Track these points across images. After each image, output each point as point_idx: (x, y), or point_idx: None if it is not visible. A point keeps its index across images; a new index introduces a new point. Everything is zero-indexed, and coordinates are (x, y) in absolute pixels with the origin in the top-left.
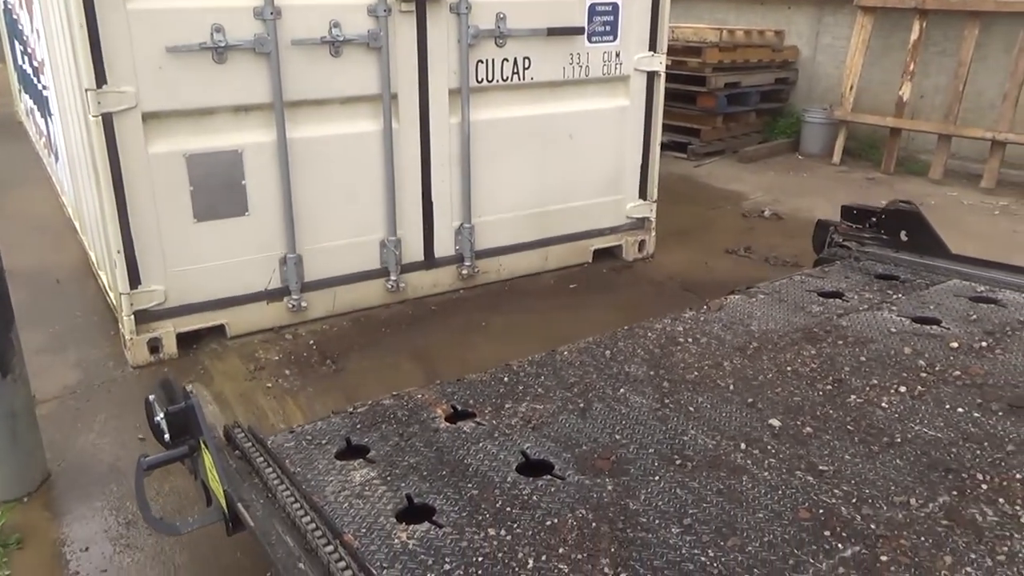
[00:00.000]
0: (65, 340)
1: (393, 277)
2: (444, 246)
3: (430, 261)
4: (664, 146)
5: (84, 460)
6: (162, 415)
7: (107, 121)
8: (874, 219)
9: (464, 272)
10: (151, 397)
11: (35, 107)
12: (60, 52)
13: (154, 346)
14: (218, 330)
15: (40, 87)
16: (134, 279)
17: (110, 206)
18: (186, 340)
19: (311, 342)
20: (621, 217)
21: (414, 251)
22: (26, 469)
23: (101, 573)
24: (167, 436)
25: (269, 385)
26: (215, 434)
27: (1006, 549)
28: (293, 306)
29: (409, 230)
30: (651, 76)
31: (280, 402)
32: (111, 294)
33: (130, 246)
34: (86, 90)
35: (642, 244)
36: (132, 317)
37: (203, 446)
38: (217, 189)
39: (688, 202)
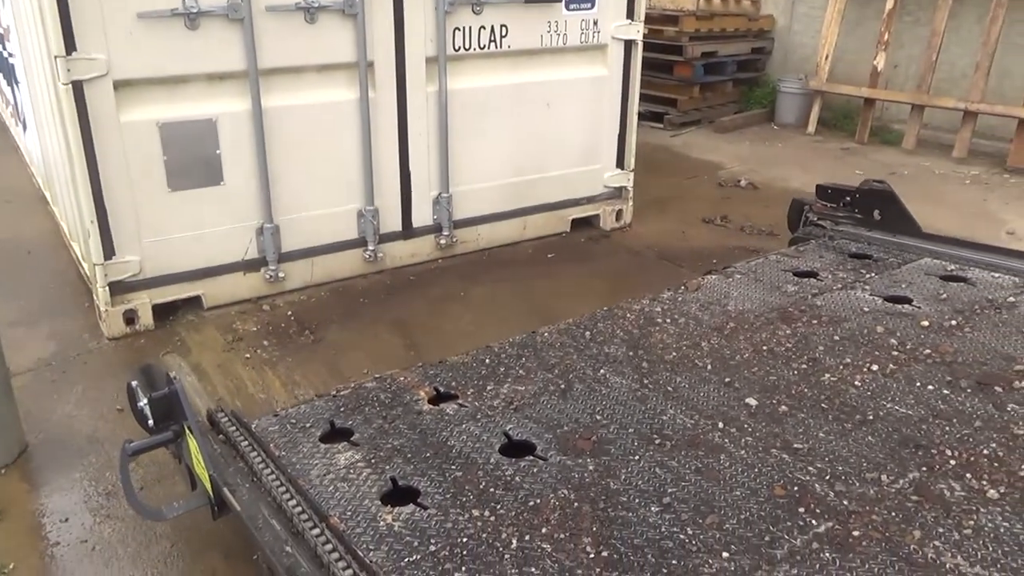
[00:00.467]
0: (38, 312)
1: (371, 247)
2: (422, 216)
3: (408, 231)
4: (641, 116)
5: (62, 432)
6: (145, 401)
7: (77, 89)
8: (848, 198)
9: (442, 242)
10: (134, 383)
11: (0, 75)
12: (27, 18)
13: (130, 317)
14: (194, 301)
15: (6, 54)
16: (108, 250)
17: (82, 176)
18: (162, 311)
19: (289, 313)
20: (599, 186)
21: (392, 221)
22: (2, 441)
23: (82, 543)
24: (151, 421)
25: (247, 356)
26: (199, 419)
27: (972, 523)
28: (270, 276)
29: (387, 200)
30: (629, 44)
31: (259, 373)
32: (84, 265)
33: (103, 216)
34: (55, 57)
35: (619, 213)
36: (107, 288)
37: (187, 431)
38: (192, 158)
39: (665, 172)
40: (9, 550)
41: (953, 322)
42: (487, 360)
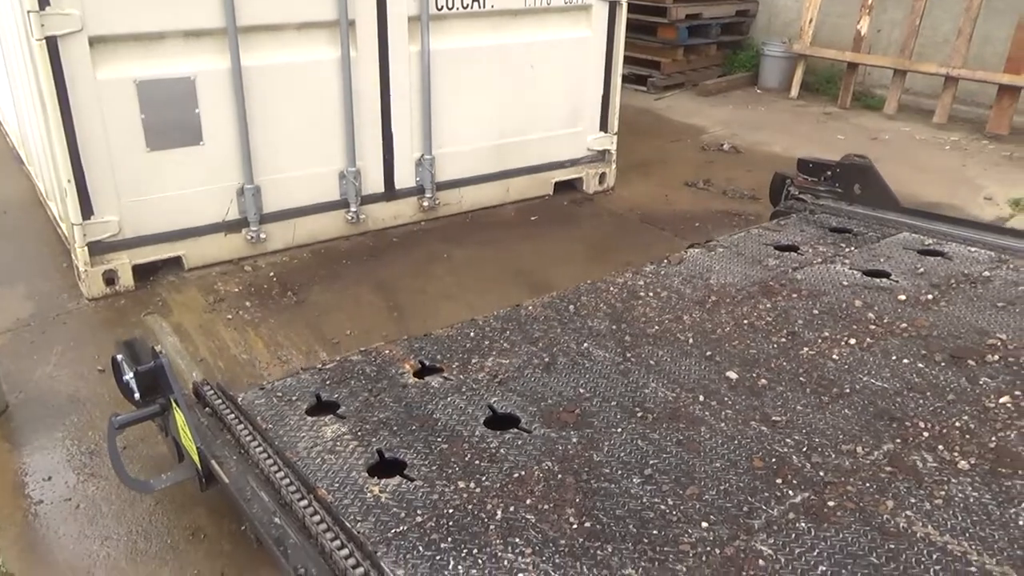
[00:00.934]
0: (15, 273)
1: (353, 208)
2: (404, 177)
3: (390, 192)
4: (624, 79)
5: (42, 392)
6: (131, 374)
7: (52, 45)
8: (829, 172)
9: (425, 204)
10: (119, 356)
11: None
12: None
13: (109, 278)
14: (175, 262)
15: None
16: (86, 210)
17: (58, 135)
18: (143, 272)
19: (271, 274)
20: (582, 149)
21: (374, 182)
22: None
23: (65, 502)
24: (137, 395)
25: (229, 317)
26: (185, 392)
27: (943, 493)
28: (252, 237)
29: (369, 161)
30: (613, 5)
31: (241, 334)
32: (62, 225)
33: (81, 176)
34: (28, 12)
35: (603, 177)
36: (86, 248)
37: (174, 404)
38: (170, 117)
39: (648, 135)
40: None
41: (929, 296)
42: (472, 333)
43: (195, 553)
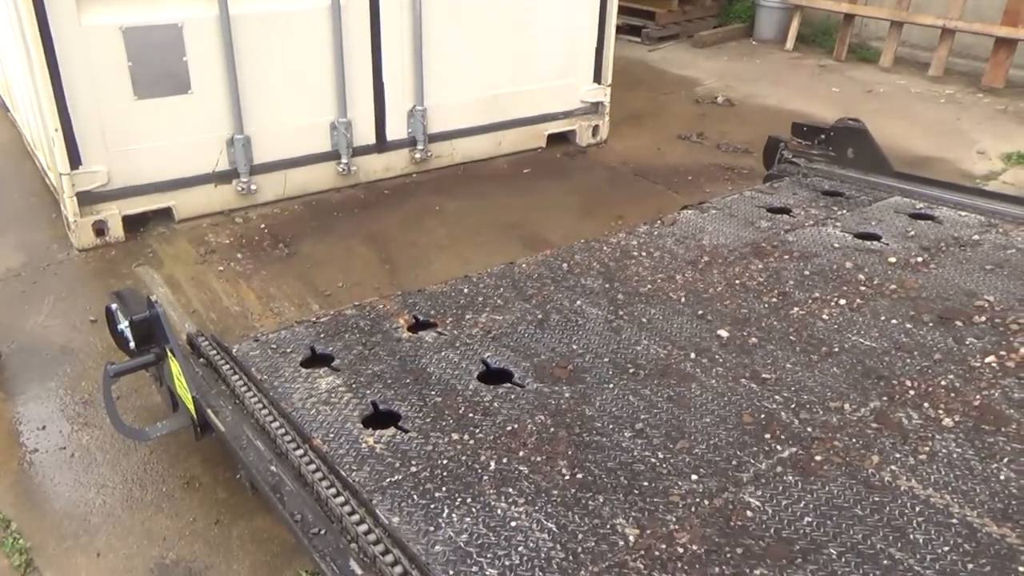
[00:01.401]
0: (4, 223)
1: (344, 160)
2: (396, 129)
3: (382, 144)
4: (618, 29)
5: (34, 342)
6: (126, 323)
7: None
8: (823, 136)
9: (417, 156)
10: (113, 306)
11: None
12: None
13: (99, 228)
14: (166, 213)
15: None
16: (74, 159)
17: (44, 82)
18: (133, 223)
19: (262, 225)
20: (575, 101)
21: (365, 134)
22: None
23: (60, 450)
24: (132, 344)
25: (221, 268)
26: (180, 342)
27: (927, 449)
28: (243, 189)
29: (360, 112)
30: None
31: (233, 285)
32: (51, 175)
33: (68, 125)
34: None
35: (596, 129)
36: (75, 199)
37: (170, 354)
38: (157, 65)
39: (642, 87)
40: None
41: (919, 259)
42: (465, 289)
43: (190, 501)
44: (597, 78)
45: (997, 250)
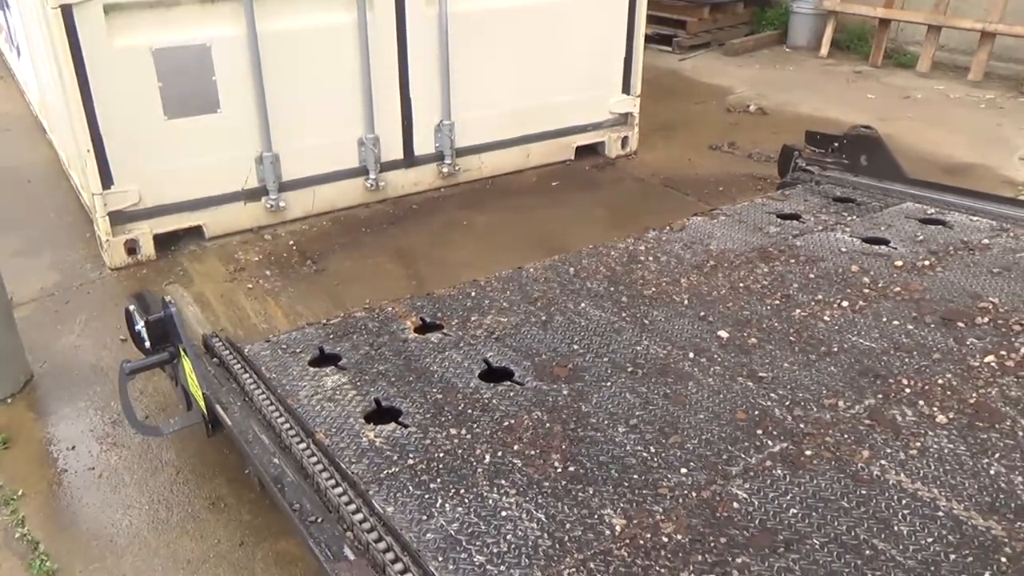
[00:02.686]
0: (40, 242)
1: (372, 176)
2: (424, 144)
3: (410, 159)
4: (648, 39)
5: (66, 361)
6: (142, 323)
7: (67, 13)
8: (836, 144)
9: (445, 170)
10: (131, 307)
11: None
12: None
13: (131, 247)
14: (196, 231)
15: None
16: (106, 179)
17: (76, 104)
18: (164, 241)
19: (291, 242)
20: (604, 113)
21: (393, 149)
22: (7, 370)
23: (89, 471)
24: (147, 343)
25: (250, 286)
26: (194, 341)
27: (919, 444)
28: (271, 206)
29: (387, 127)
30: None
31: (261, 303)
32: (84, 195)
33: (100, 145)
34: None
35: (625, 140)
36: (107, 218)
37: (182, 353)
38: (187, 85)
39: (672, 97)
40: (18, 477)
41: (926, 262)
42: (473, 293)
43: (215, 522)
44: (626, 89)
45: (1006, 253)
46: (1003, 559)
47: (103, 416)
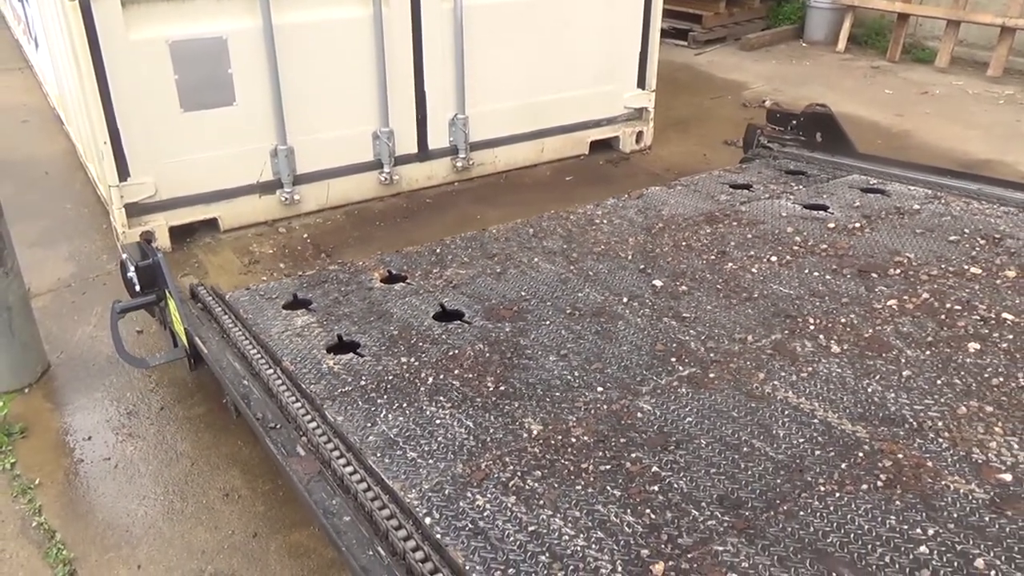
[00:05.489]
0: (56, 233)
1: (386, 169)
2: (438, 137)
3: (424, 153)
4: (664, 33)
5: (83, 352)
6: (133, 269)
7: (84, 6)
8: (794, 122)
9: (459, 164)
10: (124, 256)
11: None
12: None
13: (147, 239)
14: (211, 223)
15: None
16: (123, 171)
17: (93, 96)
18: (179, 233)
19: (305, 235)
20: (618, 107)
21: (407, 143)
22: (25, 360)
23: (104, 461)
24: (138, 288)
25: (264, 279)
26: (180, 287)
27: (810, 369)
28: (286, 199)
29: (402, 121)
30: None
31: None
32: (101, 186)
33: (117, 137)
34: None
35: (640, 135)
36: (123, 210)
37: (168, 295)
38: (203, 78)
39: (687, 92)
40: (34, 466)
41: (857, 224)
42: (438, 250)
43: (229, 513)
44: (641, 83)
45: (933, 217)
46: (860, 454)
47: (119, 407)
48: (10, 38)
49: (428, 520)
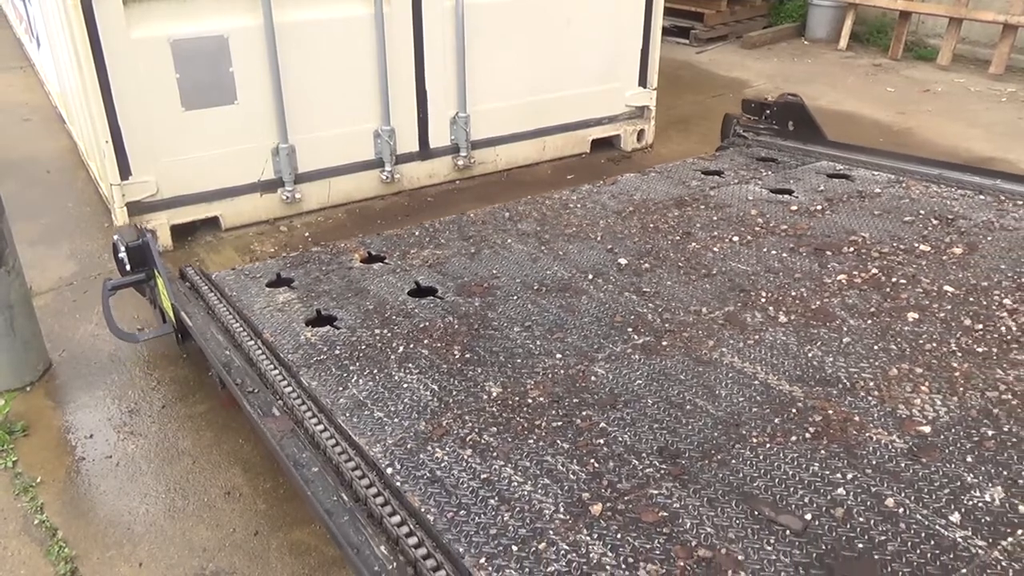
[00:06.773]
0: (58, 232)
1: (388, 168)
2: (439, 136)
3: (425, 151)
4: (665, 31)
5: (84, 350)
6: (124, 250)
7: (86, 5)
8: (768, 111)
9: (460, 162)
10: (116, 237)
11: None
12: None
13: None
14: (213, 222)
15: None
16: (124, 170)
17: (95, 95)
18: (181, 232)
19: (306, 234)
20: (620, 106)
21: (408, 141)
22: (26, 359)
23: (106, 459)
24: (128, 267)
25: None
26: (166, 264)
27: (757, 337)
28: (287, 197)
29: (403, 119)
30: None
31: None
32: (102, 185)
33: (118, 136)
34: None
35: (641, 134)
36: (125, 208)
37: (156, 274)
38: (204, 76)
39: (689, 90)
40: (36, 464)
41: (819, 207)
42: (417, 233)
43: (231, 511)
44: (642, 81)
45: (893, 200)
46: (793, 411)
47: (120, 405)
48: (12, 37)
49: (390, 470)
